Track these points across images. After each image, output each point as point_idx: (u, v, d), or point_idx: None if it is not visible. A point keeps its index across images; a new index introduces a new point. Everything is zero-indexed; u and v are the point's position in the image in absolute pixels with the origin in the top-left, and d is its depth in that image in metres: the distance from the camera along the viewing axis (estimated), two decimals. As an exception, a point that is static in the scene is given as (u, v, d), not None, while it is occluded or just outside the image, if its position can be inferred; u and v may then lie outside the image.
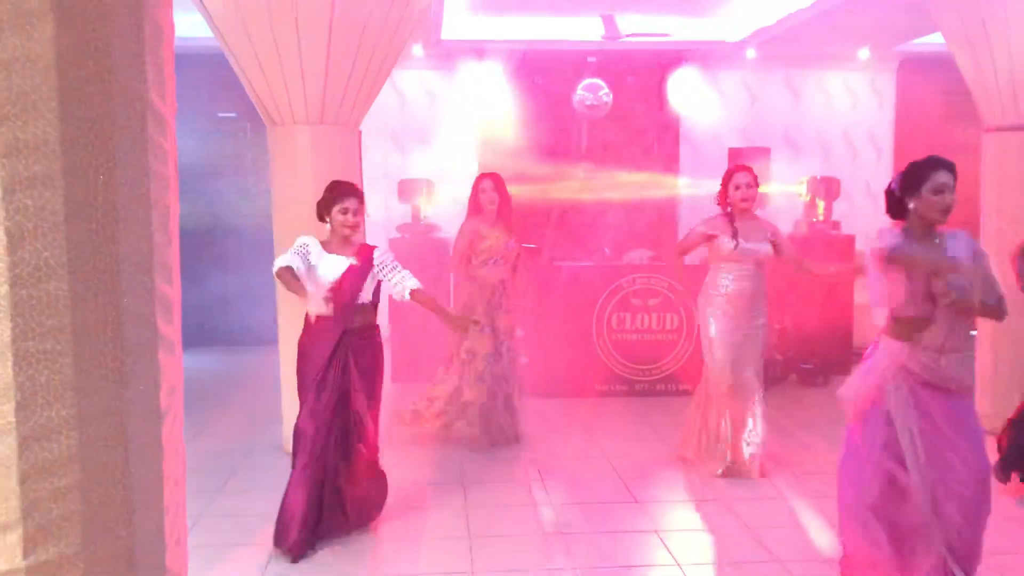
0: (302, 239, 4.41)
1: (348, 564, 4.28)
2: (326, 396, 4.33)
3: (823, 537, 4.57)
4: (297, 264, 4.28)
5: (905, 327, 3.46)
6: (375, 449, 4.55)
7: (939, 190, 3.43)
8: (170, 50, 1.76)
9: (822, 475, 5.48)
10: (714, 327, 5.48)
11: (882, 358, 3.54)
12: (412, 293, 4.51)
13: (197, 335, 9.49)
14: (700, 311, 5.60)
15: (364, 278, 4.40)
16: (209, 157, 10.09)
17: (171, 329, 1.76)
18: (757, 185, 5.47)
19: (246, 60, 5.55)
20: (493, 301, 6.07)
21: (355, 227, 4.43)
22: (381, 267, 4.48)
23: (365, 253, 4.46)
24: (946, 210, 3.45)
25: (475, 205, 6.14)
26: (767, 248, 5.41)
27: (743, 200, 5.39)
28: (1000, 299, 3.42)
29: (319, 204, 4.48)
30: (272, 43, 5.39)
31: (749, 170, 5.50)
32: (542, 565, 4.27)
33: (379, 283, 4.55)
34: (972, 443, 3.44)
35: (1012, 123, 6.26)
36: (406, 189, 8.67)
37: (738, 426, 5.52)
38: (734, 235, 5.37)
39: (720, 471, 5.49)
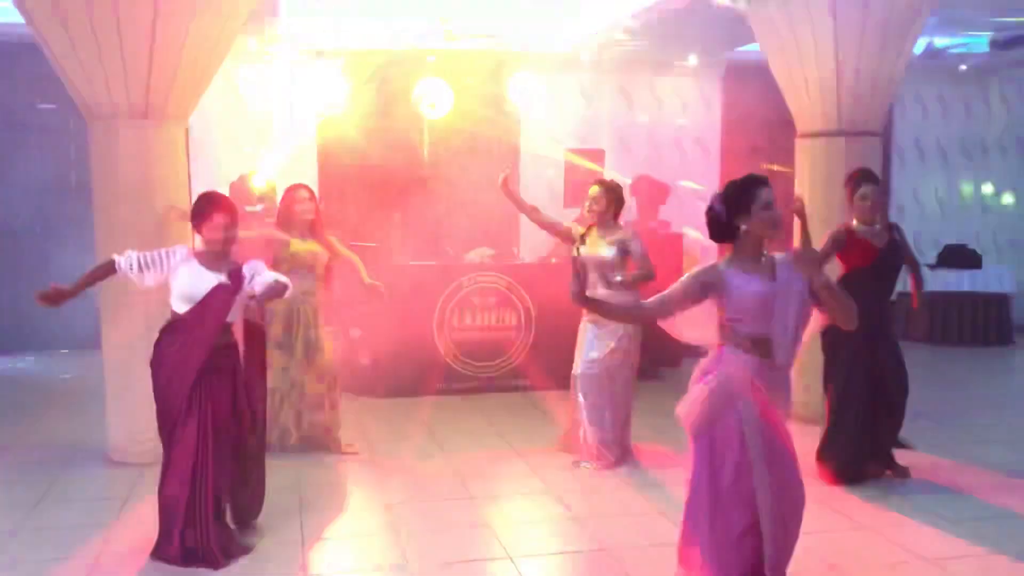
0: (178, 247, 4.26)
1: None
2: (193, 423, 4.12)
3: (653, 524, 4.77)
4: (133, 264, 4.15)
5: (753, 343, 3.45)
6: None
7: (767, 206, 3.42)
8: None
9: (651, 467, 5.74)
10: (583, 326, 5.81)
11: (727, 372, 3.49)
12: (266, 289, 4.21)
13: (15, 338, 8.94)
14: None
15: (233, 297, 4.18)
16: (27, 152, 9.52)
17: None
18: (606, 196, 5.77)
19: (60, 48, 5.25)
20: (294, 314, 5.90)
21: (226, 243, 4.21)
22: (250, 275, 4.22)
23: (236, 271, 4.22)
24: (776, 224, 3.45)
25: (287, 214, 5.95)
26: (609, 254, 5.65)
27: (593, 214, 5.80)
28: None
29: (191, 215, 4.31)
30: (89, 28, 5.10)
31: (600, 183, 5.89)
32: (377, 564, 4.28)
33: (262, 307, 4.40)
34: (793, 462, 3.53)
35: (820, 129, 6.72)
36: (239, 190, 8.40)
37: (611, 418, 5.76)
38: (580, 242, 5.78)
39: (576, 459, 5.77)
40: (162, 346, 4.21)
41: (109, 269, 4.23)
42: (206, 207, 4.22)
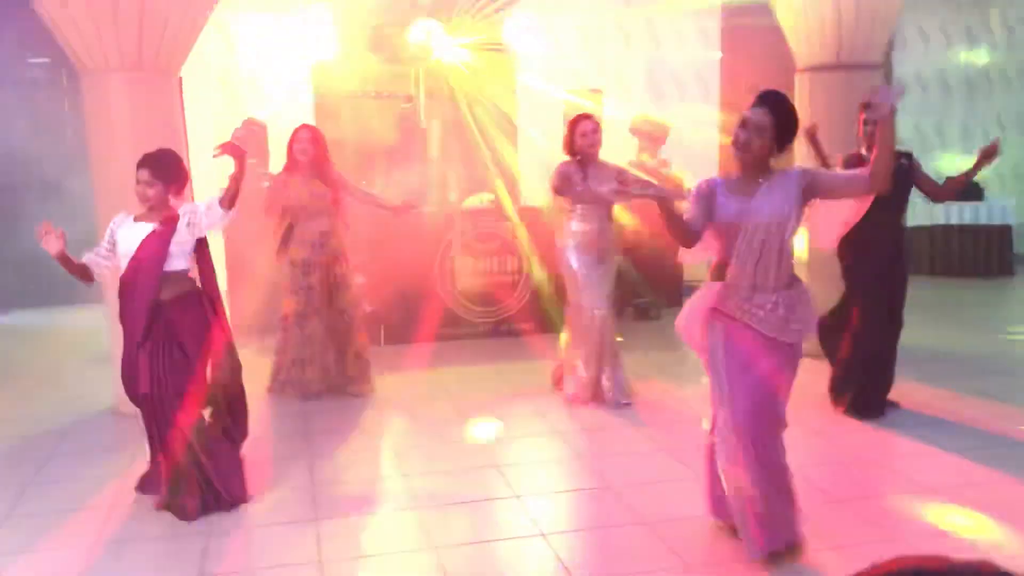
0: (116, 217, 4.28)
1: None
2: (146, 374, 4.15)
3: (656, 461, 4.85)
4: (100, 262, 4.23)
5: (712, 269, 3.57)
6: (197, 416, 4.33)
7: (742, 123, 3.41)
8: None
9: (652, 405, 5.80)
10: (574, 263, 5.72)
11: (700, 296, 3.61)
12: (220, 200, 4.22)
13: (19, 293, 8.98)
14: (559, 250, 5.81)
15: (166, 242, 4.14)
16: (20, 107, 9.45)
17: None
18: (599, 131, 5.69)
19: (51, 1, 5.19)
20: (313, 256, 5.97)
21: (144, 198, 4.18)
22: (190, 216, 4.19)
23: (170, 215, 4.20)
24: (737, 144, 3.43)
25: (289, 157, 6.02)
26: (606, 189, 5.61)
27: (590, 147, 5.64)
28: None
29: None
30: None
31: (591, 117, 5.75)
32: (384, 509, 4.36)
33: (204, 249, 4.32)
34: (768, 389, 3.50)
35: (820, 63, 6.64)
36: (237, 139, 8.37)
37: (596, 357, 5.77)
38: (583, 179, 5.61)
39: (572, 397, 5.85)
40: (119, 311, 4.27)
41: (87, 273, 4.24)
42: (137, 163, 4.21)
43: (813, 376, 5.40)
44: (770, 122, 3.39)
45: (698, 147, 10.50)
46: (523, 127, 9.97)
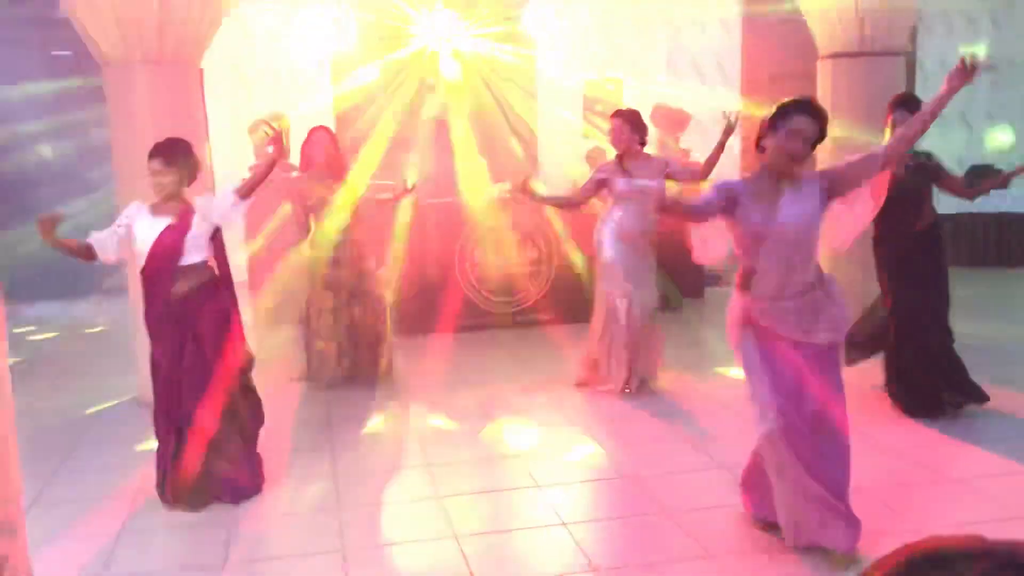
0: (129, 206, 4.29)
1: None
2: (166, 368, 4.21)
3: (678, 452, 4.83)
4: (105, 246, 4.22)
5: (739, 277, 3.51)
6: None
7: (791, 134, 3.32)
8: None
9: (674, 396, 5.79)
10: (607, 251, 5.73)
11: (731, 309, 3.58)
12: (237, 190, 4.28)
13: (42, 286, 9.06)
14: (595, 237, 5.84)
15: (181, 238, 4.16)
16: (43, 100, 9.51)
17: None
18: (625, 128, 5.69)
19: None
20: (338, 251, 6.01)
21: (159, 188, 4.18)
22: (205, 209, 4.23)
23: (185, 209, 4.22)
24: (791, 157, 3.35)
25: (305, 157, 6.07)
26: (658, 183, 5.61)
27: (616, 143, 5.72)
28: None
29: None
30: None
31: (618, 115, 5.79)
32: (406, 497, 4.37)
33: (219, 240, 4.33)
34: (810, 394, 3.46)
35: (843, 50, 6.58)
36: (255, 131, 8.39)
37: (631, 348, 5.76)
38: (624, 175, 5.64)
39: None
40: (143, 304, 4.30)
41: (90, 253, 4.25)
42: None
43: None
44: (816, 132, 3.37)
45: (718, 135, 10.44)
46: (543, 115, 9.95)
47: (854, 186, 3.47)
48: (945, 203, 10.32)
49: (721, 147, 5.61)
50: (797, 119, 3.34)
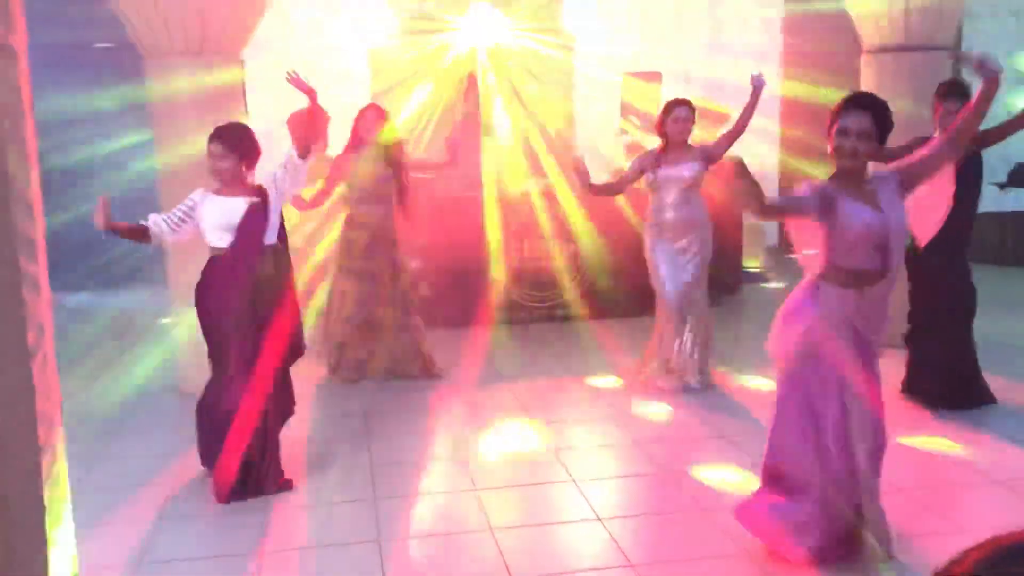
0: (193, 193, 4.32)
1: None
2: (241, 361, 4.18)
3: (714, 447, 4.79)
4: (163, 227, 4.27)
5: (856, 276, 3.34)
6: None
7: (843, 132, 3.29)
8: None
9: (710, 392, 5.73)
10: (648, 247, 5.74)
11: (817, 305, 3.39)
12: (294, 151, 4.32)
13: (85, 276, 9.17)
14: (645, 238, 5.82)
15: (267, 215, 4.22)
16: (86, 92, 9.62)
17: (35, 268, 1.72)
18: (692, 119, 5.69)
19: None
20: (372, 244, 5.98)
21: (218, 172, 4.23)
22: (277, 183, 4.27)
23: (260, 189, 4.27)
24: (849, 155, 3.29)
25: (355, 135, 6.05)
26: (692, 171, 5.58)
27: (680, 133, 5.63)
28: None
29: None
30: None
31: (686, 104, 5.72)
32: (442, 490, 4.38)
33: (282, 225, 4.37)
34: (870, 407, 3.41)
35: (886, 44, 6.47)
36: (295, 122, 8.44)
37: (670, 340, 5.73)
38: (655, 167, 5.61)
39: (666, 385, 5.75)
40: (203, 287, 4.27)
41: (144, 235, 4.30)
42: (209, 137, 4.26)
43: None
44: (871, 125, 3.29)
45: (758, 132, 10.33)
46: (580, 111, 9.90)
47: (924, 180, 3.44)
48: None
49: (752, 107, 5.64)
50: (844, 119, 3.30)
